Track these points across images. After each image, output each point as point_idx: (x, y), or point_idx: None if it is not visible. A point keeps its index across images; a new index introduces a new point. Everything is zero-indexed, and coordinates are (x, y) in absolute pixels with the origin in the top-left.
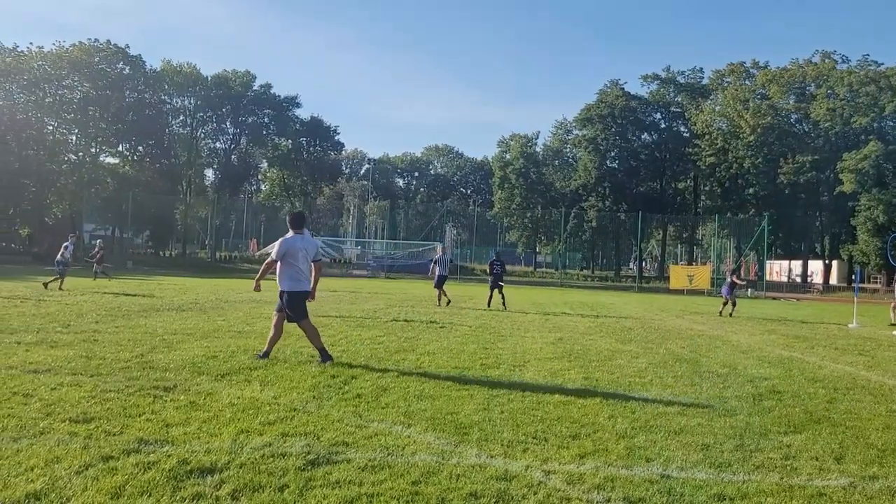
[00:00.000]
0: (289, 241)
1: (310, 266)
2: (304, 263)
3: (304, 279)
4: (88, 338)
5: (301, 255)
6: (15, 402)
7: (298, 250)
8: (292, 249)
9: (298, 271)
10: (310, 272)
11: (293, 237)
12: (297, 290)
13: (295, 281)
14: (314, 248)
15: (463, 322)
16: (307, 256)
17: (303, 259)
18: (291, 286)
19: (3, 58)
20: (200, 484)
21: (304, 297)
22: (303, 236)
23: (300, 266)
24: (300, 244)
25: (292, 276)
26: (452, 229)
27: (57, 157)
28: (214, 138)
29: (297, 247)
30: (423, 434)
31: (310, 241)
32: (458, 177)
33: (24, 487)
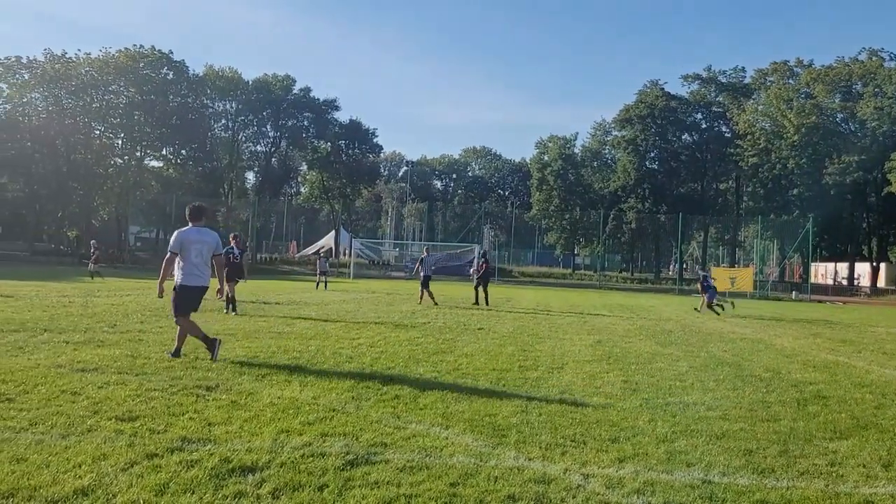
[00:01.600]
0: (183, 234)
1: (206, 260)
2: (198, 257)
3: (197, 273)
4: (134, 338)
5: (195, 248)
6: (63, 400)
7: (193, 243)
8: (186, 242)
9: (191, 265)
10: (206, 266)
11: (189, 229)
12: (186, 284)
13: (185, 274)
14: (214, 241)
15: (501, 324)
16: (202, 250)
17: (196, 253)
18: (181, 279)
19: (53, 64)
20: (242, 482)
21: (192, 292)
22: (199, 229)
23: (192, 260)
24: (195, 237)
25: (183, 269)
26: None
27: (104, 161)
28: (255, 141)
29: (192, 239)
30: (461, 436)
31: (207, 234)
32: (496, 178)
33: (73, 483)
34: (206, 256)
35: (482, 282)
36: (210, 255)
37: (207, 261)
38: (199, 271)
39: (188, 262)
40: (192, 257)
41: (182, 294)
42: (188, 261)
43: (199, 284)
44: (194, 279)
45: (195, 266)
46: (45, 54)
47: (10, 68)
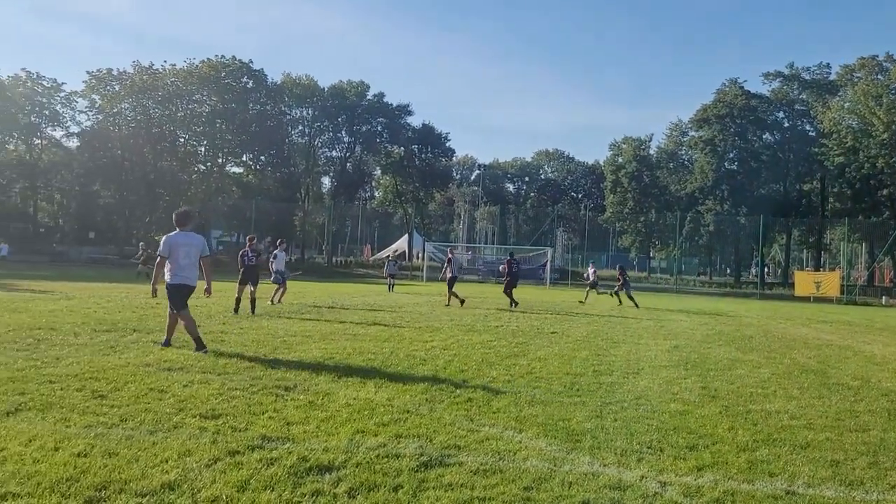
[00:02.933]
0: (171, 238)
1: (194, 262)
2: (186, 259)
3: (183, 274)
4: (216, 338)
5: (182, 251)
6: (151, 398)
7: (180, 246)
8: (174, 245)
9: (178, 266)
10: (193, 267)
11: (175, 234)
12: (172, 283)
13: (172, 274)
14: (200, 244)
15: (574, 328)
16: (189, 252)
17: (184, 255)
18: (169, 279)
19: (141, 76)
20: (319, 481)
21: (179, 290)
22: (186, 233)
23: (180, 262)
24: (182, 240)
25: (171, 269)
26: (563, 234)
27: (188, 168)
28: (331, 147)
29: (179, 243)
30: (535, 440)
31: (194, 237)
32: (569, 181)
33: (160, 478)
34: (193, 258)
35: (510, 284)
36: (197, 256)
37: (195, 262)
38: (186, 272)
39: (176, 263)
40: (180, 259)
41: (177, 291)
42: (176, 262)
43: (184, 283)
44: (179, 279)
45: (182, 268)
46: (134, 66)
47: (102, 80)
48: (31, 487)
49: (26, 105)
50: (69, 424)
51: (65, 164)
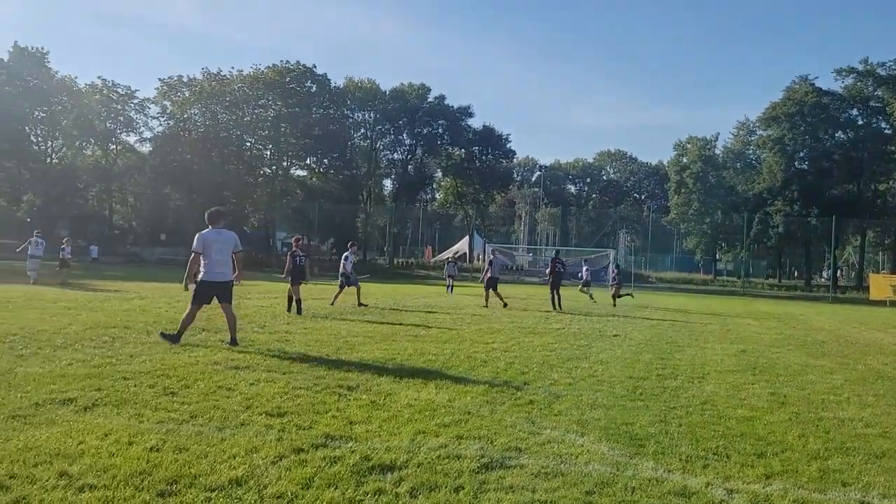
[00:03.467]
0: (204, 235)
1: (226, 258)
2: (219, 255)
3: (216, 270)
4: (281, 338)
5: (215, 247)
6: (220, 395)
7: (213, 243)
8: (207, 242)
9: (212, 262)
10: (225, 264)
11: (208, 231)
12: (204, 280)
13: (206, 271)
14: (232, 240)
15: (637, 331)
16: (221, 249)
17: (217, 251)
18: (202, 275)
19: (210, 82)
20: (381, 480)
21: (209, 287)
22: (218, 230)
23: (213, 257)
24: (214, 237)
25: (205, 266)
26: (626, 235)
27: (254, 171)
28: (392, 149)
29: (212, 239)
30: (597, 444)
31: (226, 234)
32: (632, 182)
33: (228, 474)
34: (226, 254)
35: (554, 285)
36: (230, 252)
37: (228, 258)
38: (219, 268)
39: (210, 259)
40: (213, 255)
41: (200, 288)
42: (210, 258)
43: (219, 280)
44: (214, 275)
45: (216, 263)
46: (203, 72)
47: (173, 87)
48: (107, 480)
49: (102, 112)
50: (142, 420)
51: (138, 168)
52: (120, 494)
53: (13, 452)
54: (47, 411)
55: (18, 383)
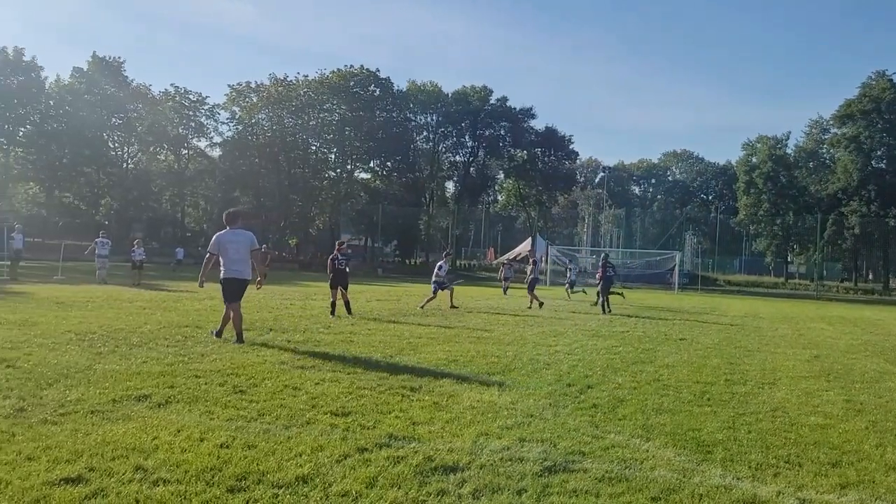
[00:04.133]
0: (220, 236)
1: (244, 257)
2: (235, 254)
3: (234, 268)
4: (346, 339)
5: (231, 247)
6: (286, 394)
7: (229, 243)
8: (223, 243)
9: (229, 261)
10: (243, 262)
11: (225, 232)
12: (223, 277)
13: (224, 269)
14: (248, 239)
15: (704, 335)
16: (238, 248)
17: (233, 251)
18: (221, 274)
19: (277, 87)
20: (444, 481)
21: (230, 283)
22: (234, 231)
23: (230, 256)
24: (230, 237)
25: (224, 265)
26: (692, 237)
27: (319, 174)
28: (454, 152)
29: (228, 240)
30: (663, 449)
31: (242, 234)
32: (699, 182)
33: (295, 471)
34: (242, 253)
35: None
36: (247, 251)
37: (245, 257)
38: (236, 266)
39: (227, 258)
40: (229, 255)
41: (226, 286)
42: (227, 258)
43: (237, 277)
44: (232, 272)
45: (233, 262)
46: (269, 78)
47: (241, 93)
48: (179, 475)
49: (175, 118)
50: (213, 417)
51: (208, 172)
52: (192, 489)
53: (92, 446)
54: (124, 407)
55: (97, 380)
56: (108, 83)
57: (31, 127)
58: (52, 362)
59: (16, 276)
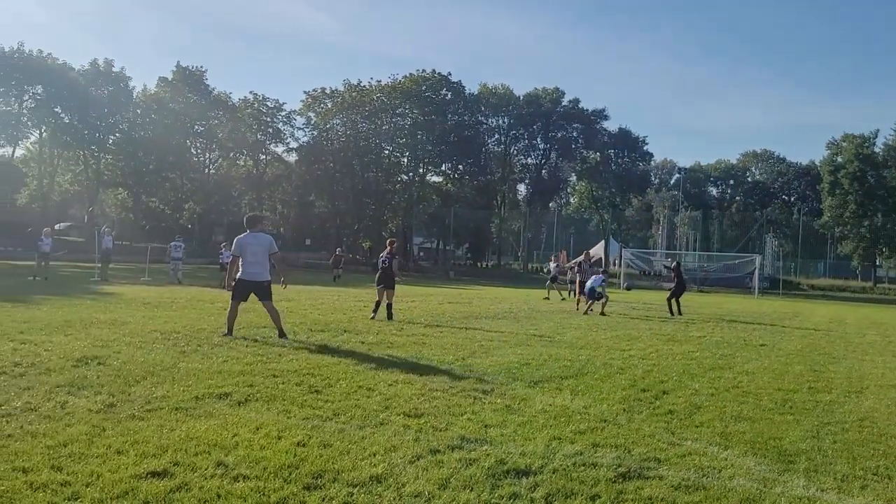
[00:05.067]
0: (240, 239)
1: (262, 259)
2: (253, 257)
3: (250, 270)
4: (418, 341)
5: (250, 249)
6: (360, 395)
7: (248, 245)
8: (243, 245)
9: (247, 263)
10: (259, 265)
11: (244, 235)
12: (241, 278)
13: (243, 271)
14: (267, 243)
15: (786, 341)
16: (256, 251)
17: (251, 253)
18: (239, 274)
19: (351, 93)
20: (517, 484)
21: (244, 285)
22: (255, 234)
23: (248, 259)
24: (250, 240)
25: (242, 266)
26: (773, 240)
27: (391, 178)
28: (526, 154)
29: (248, 242)
30: (742, 458)
31: (262, 237)
32: (780, 183)
33: (369, 471)
34: (260, 256)
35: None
36: (266, 254)
37: (263, 260)
38: (253, 269)
39: (245, 261)
40: (248, 257)
41: (238, 285)
42: (245, 260)
43: (254, 279)
44: (248, 274)
45: (251, 264)
46: (344, 84)
47: (317, 99)
48: (258, 471)
49: (253, 124)
50: (290, 416)
51: (285, 177)
52: (270, 486)
53: (177, 442)
54: (206, 404)
55: (181, 378)
56: (190, 92)
57: (120, 135)
58: (140, 360)
59: (106, 277)
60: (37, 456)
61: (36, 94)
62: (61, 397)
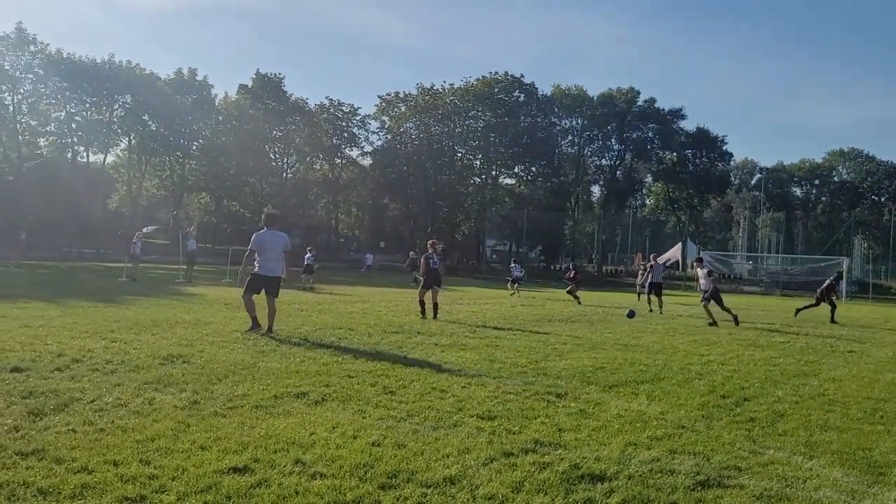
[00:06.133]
0: (260, 235)
1: (278, 256)
2: (272, 253)
3: (268, 266)
4: (491, 343)
5: (269, 246)
6: (434, 396)
7: (267, 242)
8: (262, 242)
9: (265, 259)
10: (275, 261)
11: (264, 232)
12: (258, 273)
13: (259, 266)
14: (283, 241)
15: (876, 348)
16: (274, 248)
17: (270, 249)
18: (256, 269)
19: (423, 96)
20: (591, 490)
21: (261, 279)
22: (274, 232)
23: (267, 254)
24: (269, 237)
25: (259, 262)
26: (861, 242)
27: (464, 181)
28: (600, 155)
29: (267, 239)
30: (828, 468)
31: (279, 235)
32: (869, 183)
33: (442, 472)
34: (277, 253)
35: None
36: (281, 251)
37: (279, 256)
38: (270, 265)
39: (263, 257)
40: (266, 253)
41: (253, 279)
42: (263, 256)
43: (270, 275)
44: (266, 270)
45: (268, 260)
46: (417, 88)
47: (391, 103)
48: (334, 470)
49: (329, 129)
50: (365, 416)
51: (360, 181)
52: (346, 484)
53: (257, 439)
54: (284, 403)
55: (261, 377)
56: (269, 98)
57: (203, 141)
58: (222, 359)
59: (190, 279)
60: (126, 450)
61: (125, 103)
62: (149, 394)
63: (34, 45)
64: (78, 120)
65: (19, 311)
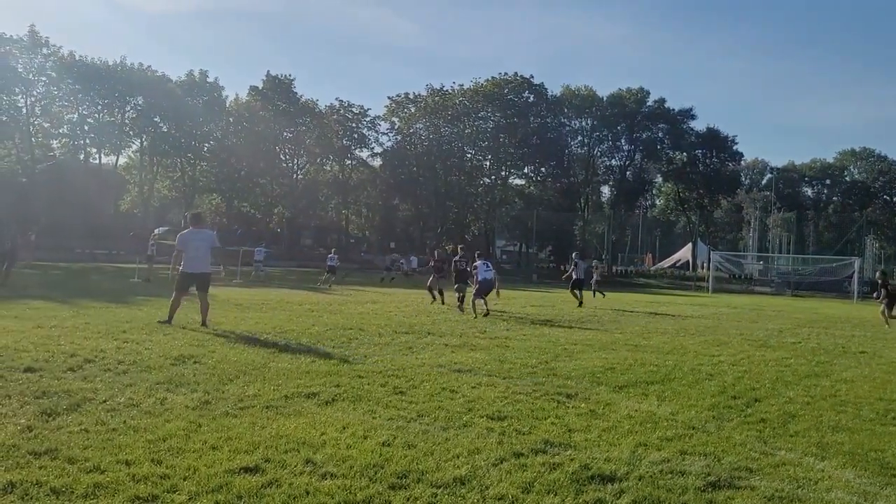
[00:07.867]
0: (183, 235)
1: (204, 254)
2: (195, 252)
3: (192, 264)
4: (501, 343)
5: (192, 244)
6: (444, 397)
7: (191, 241)
8: (186, 241)
9: (189, 258)
10: (201, 259)
11: (187, 232)
12: (184, 271)
13: (185, 264)
14: (209, 238)
15: (889, 349)
16: (199, 246)
17: (194, 248)
18: (182, 267)
19: (433, 97)
20: (601, 490)
21: (187, 277)
22: (198, 230)
23: (190, 253)
24: (193, 236)
25: (184, 260)
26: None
27: (474, 182)
28: (610, 156)
29: (190, 238)
30: (840, 469)
31: (204, 233)
32: (881, 183)
33: (452, 472)
34: (203, 251)
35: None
36: (208, 249)
37: (205, 254)
38: (195, 263)
39: (188, 255)
40: (190, 252)
41: (182, 277)
42: (188, 254)
43: (196, 271)
44: (191, 267)
45: (192, 259)
46: (426, 89)
47: (400, 104)
48: (345, 469)
49: (339, 130)
50: (375, 416)
51: (370, 181)
52: (356, 484)
53: (267, 439)
54: (295, 403)
55: (271, 377)
56: (280, 100)
57: (214, 142)
58: (233, 359)
59: None
60: (138, 449)
61: (137, 105)
62: (161, 394)
63: (47, 47)
64: (90, 122)
65: (32, 311)
